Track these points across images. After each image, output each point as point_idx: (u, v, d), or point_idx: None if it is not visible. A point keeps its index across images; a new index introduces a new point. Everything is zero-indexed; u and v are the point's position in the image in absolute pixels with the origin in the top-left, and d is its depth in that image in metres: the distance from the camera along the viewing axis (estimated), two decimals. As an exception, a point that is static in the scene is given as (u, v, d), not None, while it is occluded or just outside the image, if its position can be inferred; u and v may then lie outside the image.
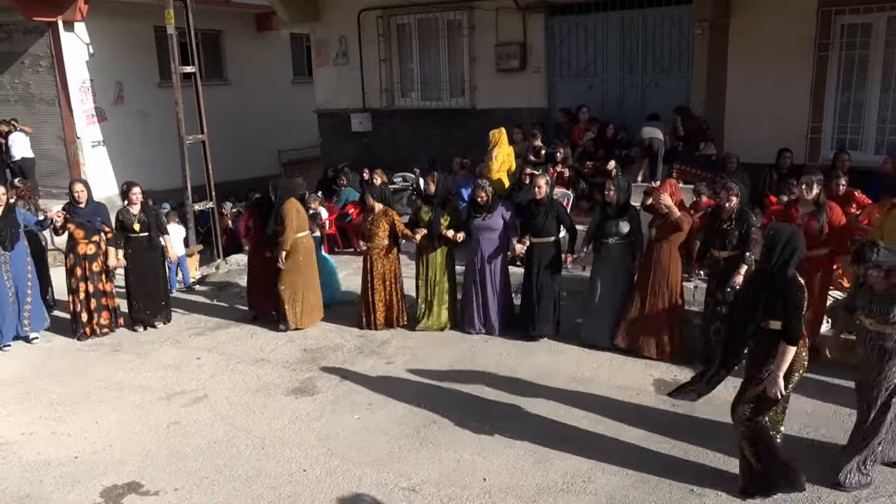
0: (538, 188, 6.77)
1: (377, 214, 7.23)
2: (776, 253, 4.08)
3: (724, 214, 6.12)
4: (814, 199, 5.92)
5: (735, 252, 6.07)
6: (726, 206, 6.06)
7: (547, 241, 6.83)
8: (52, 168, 13.10)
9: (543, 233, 6.80)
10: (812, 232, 5.78)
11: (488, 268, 7.03)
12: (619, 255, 6.59)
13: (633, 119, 9.88)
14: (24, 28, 12.67)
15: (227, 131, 13.27)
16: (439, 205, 7.13)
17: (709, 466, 4.69)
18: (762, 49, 9.02)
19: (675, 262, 6.36)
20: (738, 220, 6.05)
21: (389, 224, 7.19)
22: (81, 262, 7.25)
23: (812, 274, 5.84)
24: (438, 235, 7.06)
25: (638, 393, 5.79)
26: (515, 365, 6.40)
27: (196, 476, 4.77)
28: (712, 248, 6.24)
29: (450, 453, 4.95)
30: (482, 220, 6.99)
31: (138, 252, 7.48)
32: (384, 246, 7.21)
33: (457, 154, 10.65)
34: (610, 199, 6.57)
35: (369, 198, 7.32)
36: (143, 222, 7.42)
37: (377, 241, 7.19)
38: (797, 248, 4.07)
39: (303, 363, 6.62)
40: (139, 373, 6.52)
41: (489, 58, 11.19)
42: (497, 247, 7.03)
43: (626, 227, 6.52)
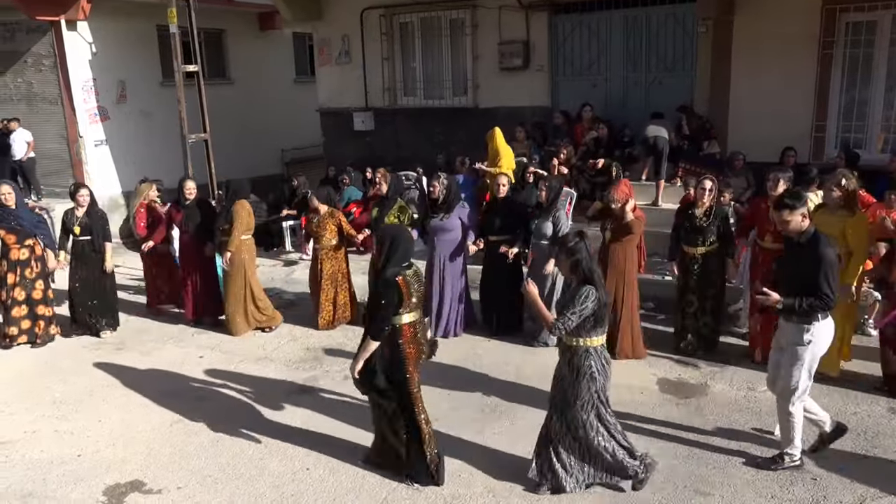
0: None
1: (323, 216, 7.31)
2: (383, 252, 4.29)
3: (698, 211, 6.13)
4: (780, 195, 5.95)
5: (712, 248, 6.10)
6: (702, 202, 6.09)
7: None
8: (55, 167, 13.10)
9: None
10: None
11: (446, 269, 6.97)
12: (543, 257, 6.56)
13: (637, 117, 9.85)
14: (27, 27, 12.66)
15: (230, 130, 13.25)
16: (388, 205, 7.16)
17: (714, 466, 4.66)
18: (766, 47, 8.99)
19: (632, 262, 6.38)
20: (715, 215, 6.08)
21: (336, 225, 7.29)
22: (14, 267, 6.97)
23: None
24: None
25: (642, 392, 5.77)
26: (518, 364, 6.39)
27: (199, 474, 4.76)
28: (686, 245, 6.23)
29: (453, 451, 4.93)
30: (439, 220, 6.96)
31: (80, 256, 7.30)
32: (332, 246, 7.29)
33: (459, 153, 10.65)
34: (541, 198, 6.58)
35: (314, 199, 7.37)
36: (84, 225, 7.23)
37: (324, 241, 7.26)
38: (398, 248, 4.24)
39: (305, 362, 6.61)
40: (142, 372, 6.51)
41: (492, 56, 11.16)
42: (455, 248, 6.98)
43: (550, 228, 6.53)
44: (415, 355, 4.44)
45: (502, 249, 6.72)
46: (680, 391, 5.77)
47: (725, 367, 6.14)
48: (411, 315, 4.38)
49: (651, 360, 6.36)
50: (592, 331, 4.16)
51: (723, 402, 5.54)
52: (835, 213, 5.65)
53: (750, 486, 4.42)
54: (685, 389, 5.80)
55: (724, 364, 6.20)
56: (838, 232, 5.54)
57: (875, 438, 4.92)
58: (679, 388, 5.84)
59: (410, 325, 4.40)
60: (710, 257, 6.15)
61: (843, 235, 5.54)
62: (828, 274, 4.22)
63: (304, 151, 16.04)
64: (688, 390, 5.78)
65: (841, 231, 5.54)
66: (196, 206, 7.63)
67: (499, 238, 6.82)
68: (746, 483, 4.45)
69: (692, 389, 5.79)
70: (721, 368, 6.13)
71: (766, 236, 6.02)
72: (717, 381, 5.92)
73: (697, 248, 6.15)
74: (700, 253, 6.14)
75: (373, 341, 4.26)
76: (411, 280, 4.33)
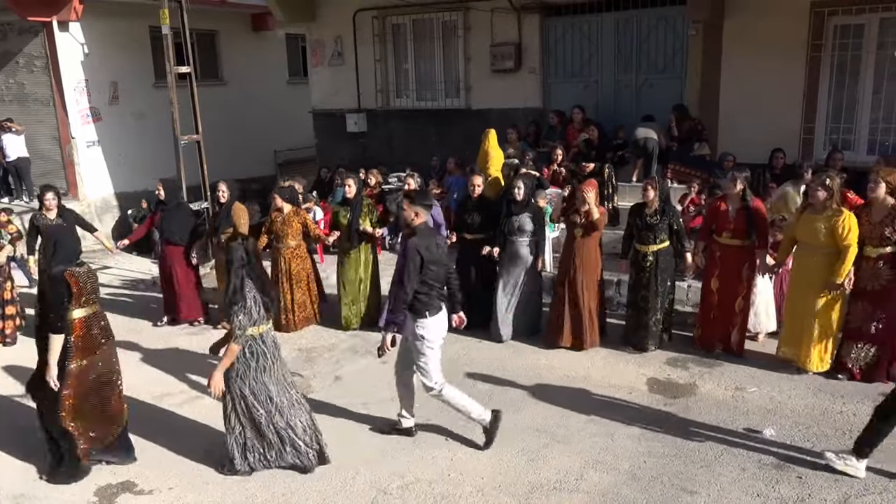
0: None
1: (287, 215, 7.31)
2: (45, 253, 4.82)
3: (649, 210, 6.33)
4: (738, 193, 6.14)
5: (663, 245, 6.31)
6: (648, 200, 6.31)
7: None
8: (47, 168, 13.07)
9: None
10: (740, 225, 6.10)
11: None
12: (521, 253, 6.72)
13: (628, 119, 9.92)
14: (20, 28, 12.63)
15: (223, 131, 13.24)
16: (357, 206, 7.23)
17: (702, 465, 4.71)
18: (756, 50, 9.05)
19: (598, 258, 6.62)
20: (663, 212, 6.27)
21: (301, 224, 7.31)
22: None
23: (734, 264, 6.23)
24: (357, 231, 7.17)
25: (631, 392, 5.82)
26: (509, 364, 6.43)
27: (190, 475, 4.78)
28: (639, 243, 6.42)
29: (443, 452, 4.97)
30: None
31: None
32: (295, 246, 7.31)
33: (451, 154, 10.70)
34: (517, 196, 6.72)
35: (278, 199, 7.36)
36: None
37: (288, 241, 7.28)
38: (63, 248, 4.81)
39: (297, 363, 6.62)
40: (133, 372, 6.46)
41: (484, 58, 11.21)
42: None
43: (529, 224, 6.67)
44: (83, 349, 4.60)
45: (485, 251, 6.82)
46: (669, 391, 5.83)
47: (714, 368, 6.20)
48: (82, 311, 4.58)
49: (640, 359, 6.41)
50: (253, 323, 4.50)
51: (711, 402, 5.59)
52: (821, 213, 5.71)
53: (736, 484, 4.47)
54: (674, 389, 5.85)
55: (712, 364, 6.26)
56: (826, 231, 5.63)
57: (860, 437, 4.97)
58: (668, 387, 5.89)
59: (83, 320, 4.60)
60: (663, 255, 6.35)
61: (831, 234, 5.61)
62: None
63: (297, 153, 16.04)
64: (676, 390, 5.84)
65: (829, 230, 5.62)
66: (174, 210, 7.62)
67: (474, 236, 6.95)
68: (733, 482, 4.50)
69: (681, 389, 5.85)
70: (710, 369, 6.19)
71: (724, 233, 6.23)
72: (706, 381, 5.97)
73: (650, 245, 6.35)
74: (652, 250, 6.34)
75: (53, 334, 4.48)
76: (82, 277, 4.58)
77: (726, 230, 6.20)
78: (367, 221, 7.22)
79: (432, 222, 6.94)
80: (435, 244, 4.79)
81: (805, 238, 5.84)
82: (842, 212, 5.64)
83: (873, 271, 5.65)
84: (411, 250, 4.64)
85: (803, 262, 5.89)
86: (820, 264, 5.71)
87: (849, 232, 5.55)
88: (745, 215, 6.12)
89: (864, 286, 5.70)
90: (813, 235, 5.72)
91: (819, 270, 5.71)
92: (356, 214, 7.20)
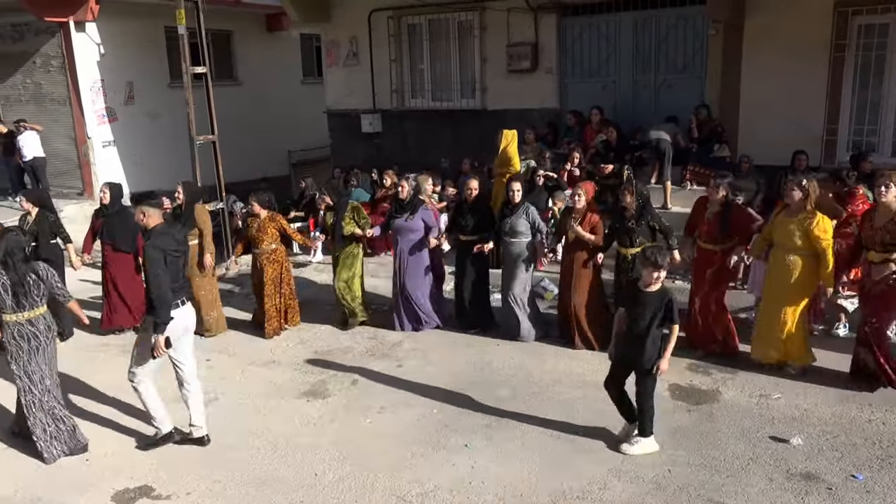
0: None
1: (264, 220, 7.32)
2: None
3: (626, 213, 6.39)
4: (720, 199, 6.16)
5: (643, 247, 6.20)
6: (626, 204, 6.37)
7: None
8: (63, 168, 13.11)
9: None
10: (715, 228, 6.15)
11: (409, 268, 7.17)
12: (518, 253, 6.76)
13: (646, 120, 9.80)
14: (37, 28, 12.67)
15: (237, 131, 13.22)
16: (342, 208, 7.32)
17: (728, 475, 4.61)
18: (777, 50, 8.92)
19: (589, 261, 6.65)
20: (640, 216, 6.34)
21: (278, 229, 7.33)
22: None
23: (705, 267, 6.29)
24: (342, 235, 7.24)
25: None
26: (528, 368, 6.35)
27: (208, 480, 4.73)
28: (620, 246, 6.50)
29: (463, 458, 4.90)
30: (404, 220, 7.14)
31: None
32: (272, 250, 7.31)
33: (467, 155, 10.63)
34: (513, 199, 6.77)
35: (255, 204, 7.36)
36: (32, 232, 7.07)
37: (264, 246, 7.28)
38: None
39: (314, 365, 6.58)
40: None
41: (500, 58, 11.12)
42: (418, 248, 7.17)
43: (525, 225, 6.73)
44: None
45: (476, 248, 6.88)
46: (691, 397, 5.72)
47: (737, 374, 6.08)
48: None
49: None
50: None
51: (735, 409, 5.49)
52: (796, 215, 5.71)
53: (764, 495, 4.37)
54: (697, 395, 5.75)
55: (735, 370, 6.14)
56: (801, 233, 5.64)
57: (891, 447, 4.85)
58: (690, 394, 5.79)
59: None
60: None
61: (806, 237, 5.63)
62: None
63: (311, 153, 16.03)
64: (699, 396, 5.73)
65: (803, 232, 5.64)
66: (118, 214, 7.46)
67: (469, 238, 6.99)
68: (761, 492, 4.39)
69: (704, 396, 5.74)
70: (732, 375, 6.07)
71: (702, 237, 6.28)
72: (729, 387, 5.86)
73: (629, 248, 6.41)
74: (632, 253, 6.38)
75: None
76: None
77: (701, 233, 6.28)
78: (350, 224, 7.27)
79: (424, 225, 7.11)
80: (172, 239, 5.01)
81: (781, 240, 5.84)
82: (815, 214, 5.65)
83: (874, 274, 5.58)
84: (151, 252, 4.80)
85: (780, 264, 5.85)
86: (796, 265, 5.72)
87: (824, 233, 5.57)
88: (720, 221, 6.15)
89: (867, 289, 5.67)
90: (788, 237, 5.74)
91: (795, 271, 5.72)
92: (340, 217, 7.29)
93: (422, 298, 7.23)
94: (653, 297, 4.70)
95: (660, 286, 4.74)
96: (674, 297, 4.76)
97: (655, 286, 4.72)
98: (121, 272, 7.47)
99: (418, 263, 7.21)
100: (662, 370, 4.77)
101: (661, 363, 4.75)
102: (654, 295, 4.71)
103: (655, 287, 4.72)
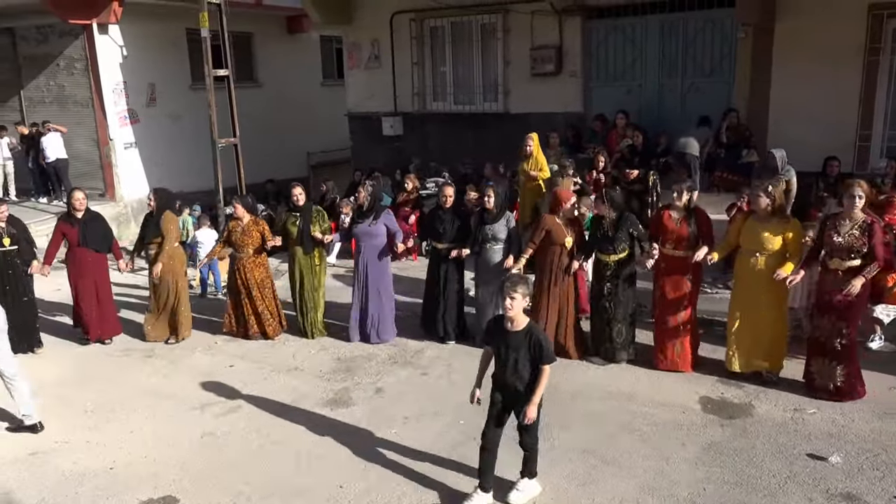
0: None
1: (247, 224, 7.24)
2: None
3: (605, 222, 6.35)
4: (684, 204, 6.11)
5: (623, 256, 6.30)
6: (602, 213, 6.34)
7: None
8: (85, 169, 13.18)
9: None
10: (683, 234, 6.09)
11: (372, 274, 7.07)
12: (496, 260, 6.70)
13: (672, 125, 9.66)
14: (60, 31, 12.76)
15: (256, 133, 13.22)
16: (307, 213, 7.19)
17: (765, 494, 4.46)
18: (809, 53, 8.76)
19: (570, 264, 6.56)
20: (619, 224, 6.25)
21: (260, 233, 7.25)
22: None
23: (679, 274, 6.16)
24: (310, 237, 7.14)
25: (684, 411, 5.57)
26: (553, 378, 6.20)
27: (232, 491, 4.66)
28: (600, 253, 6.42)
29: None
30: (367, 225, 7.04)
31: (6, 270, 6.84)
32: (255, 255, 7.24)
33: (489, 159, 10.53)
34: (489, 206, 6.72)
35: (238, 208, 7.28)
36: (11, 235, 6.86)
37: (247, 250, 7.20)
38: None
39: (337, 373, 6.50)
40: (172, 380, 6.45)
41: (524, 62, 11.02)
42: (380, 253, 7.07)
43: (504, 232, 6.70)
44: None
45: (453, 254, 6.83)
46: (724, 411, 5.57)
47: (769, 387, 5.91)
48: None
49: (691, 376, 6.15)
50: None
51: (769, 425, 5.33)
52: (767, 220, 5.72)
53: (804, 516, 4.23)
54: (729, 409, 5.60)
55: (767, 383, 5.97)
56: (778, 239, 5.65)
57: (934, 467, 4.68)
58: (723, 407, 5.63)
59: None
60: (623, 265, 6.32)
61: (782, 241, 5.65)
62: None
63: (330, 155, 16.02)
64: (732, 410, 5.58)
65: (781, 238, 5.66)
66: (91, 221, 7.22)
67: (447, 246, 6.92)
68: (800, 513, 4.25)
69: (737, 410, 5.59)
70: (765, 388, 5.89)
71: (667, 244, 6.17)
72: (762, 401, 5.70)
73: (610, 256, 6.33)
74: (613, 261, 6.32)
75: None
76: None
77: (669, 241, 6.16)
78: (316, 228, 7.18)
79: (387, 230, 7.06)
80: None
81: (750, 245, 5.80)
82: (789, 219, 5.80)
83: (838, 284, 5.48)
84: None
85: (750, 269, 5.81)
86: (770, 267, 5.67)
87: (799, 237, 5.75)
88: (688, 226, 6.10)
89: (828, 299, 5.56)
90: (757, 242, 5.72)
91: (768, 273, 5.66)
92: (307, 220, 7.19)
93: (384, 306, 7.10)
94: (517, 337, 4.18)
95: (525, 324, 4.18)
96: (542, 336, 4.21)
97: (518, 324, 4.18)
98: (98, 278, 7.26)
99: (381, 270, 7.12)
100: (528, 418, 4.20)
101: (528, 409, 4.19)
102: (518, 334, 4.18)
103: (519, 325, 4.18)
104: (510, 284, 4.12)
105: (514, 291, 4.07)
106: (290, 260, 7.37)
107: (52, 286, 8.16)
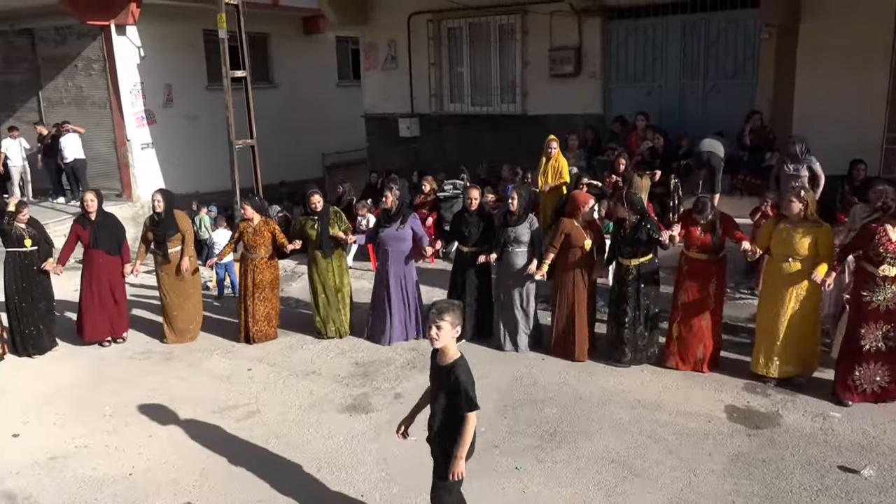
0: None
1: (258, 225, 7.20)
2: None
3: (625, 224, 6.32)
4: (709, 221, 6.13)
5: (645, 259, 6.27)
6: (624, 217, 6.28)
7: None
8: (103, 170, 13.22)
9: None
10: (707, 241, 6.11)
11: (399, 277, 7.03)
12: (522, 263, 6.65)
13: (693, 127, 9.54)
14: (78, 32, 12.81)
15: (272, 134, 13.20)
16: (324, 216, 7.14)
17: (796, 507, 4.36)
18: (835, 55, 8.60)
19: (589, 267, 6.57)
20: (638, 227, 6.20)
21: (271, 234, 7.21)
22: None
23: (705, 280, 6.16)
24: (330, 237, 7.09)
25: (710, 420, 5.46)
26: (576, 385, 6.13)
27: (251, 498, 4.61)
28: (621, 257, 6.37)
29: (513, 482, 4.71)
30: (394, 230, 6.99)
31: (28, 268, 6.91)
32: (267, 256, 7.21)
33: (507, 161, 10.43)
34: (513, 208, 6.67)
35: (248, 209, 7.22)
36: (32, 237, 6.91)
37: (259, 251, 7.17)
38: None
39: (355, 378, 6.44)
40: (190, 384, 6.41)
41: (542, 62, 10.93)
42: (406, 256, 7.04)
43: (527, 235, 6.64)
44: None
45: (481, 259, 6.78)
46: (750, 420, 5.46)
47: (797, 395, 5.80)
48: None
49: (716, 384, 6.05)
50: None
51: (798, 435, 5.21)
52: (799, 224, 5.68)
53: (838, 532, 4.11)
54: (756, 419, 5.48)
55: (794, 391, 5.86)
56: (809, 243, 5.60)
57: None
58: (749, 416, 5.52)
59: None
60: (645, 268, 6.29)
61: (814, 245, 5.61)
62: None
63: (345, 156, 15.99)
64: (759, 420, 5.46)
65: (812, 242, 5.61)
66: (103, 221, 7.20)
67: (472, 249, 6.88)
68: (834, 529, 4.14)
69: (763, 419, 5.47)
70: (792, 396, 5.79)
71: (692, 248, 6.19)
72: (790, 410, 5.58)
73: (631, 259, 6.29)
74: (634, 264, 6.28)
75: None
76: None
77: (694, 245, 6.16)
78: (335, 228, 7.15)
79: (413, 234, 7.05)
80: None
81: (782, 250, 5.74)
82: (821, 223, 5.69)
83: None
84: None
85: (782, 273, 5.75)
86: (802, 271, 5.64)
87: (831, 241, 5.69)
88: (713, 235, 6.10)
89: (877, 306, 5.48)
90: (789, 247, 5.68)
91: (800, 278, 5.67)
92: (325, 223, 7.13)
93: (413, 309, 7.11)
94: (442, 372, 3.58)
95: (452, 359, 3.56)
96: (465, 377, 3.52)
97: (445, 356, 3.58)
98: (113, 278, 7.23)
99: (408, 273, 7.08)
100: (455, 473, 3.59)
101: (453, 465, 3.57)
102: (443, 370, 3.58)
103: (446, 358, 3.58)
104: (436, 311, 3.52)
105: (441, 319, 3.48)
106: (310, 263, 7.32)
107: (70, 286, 8.15)
